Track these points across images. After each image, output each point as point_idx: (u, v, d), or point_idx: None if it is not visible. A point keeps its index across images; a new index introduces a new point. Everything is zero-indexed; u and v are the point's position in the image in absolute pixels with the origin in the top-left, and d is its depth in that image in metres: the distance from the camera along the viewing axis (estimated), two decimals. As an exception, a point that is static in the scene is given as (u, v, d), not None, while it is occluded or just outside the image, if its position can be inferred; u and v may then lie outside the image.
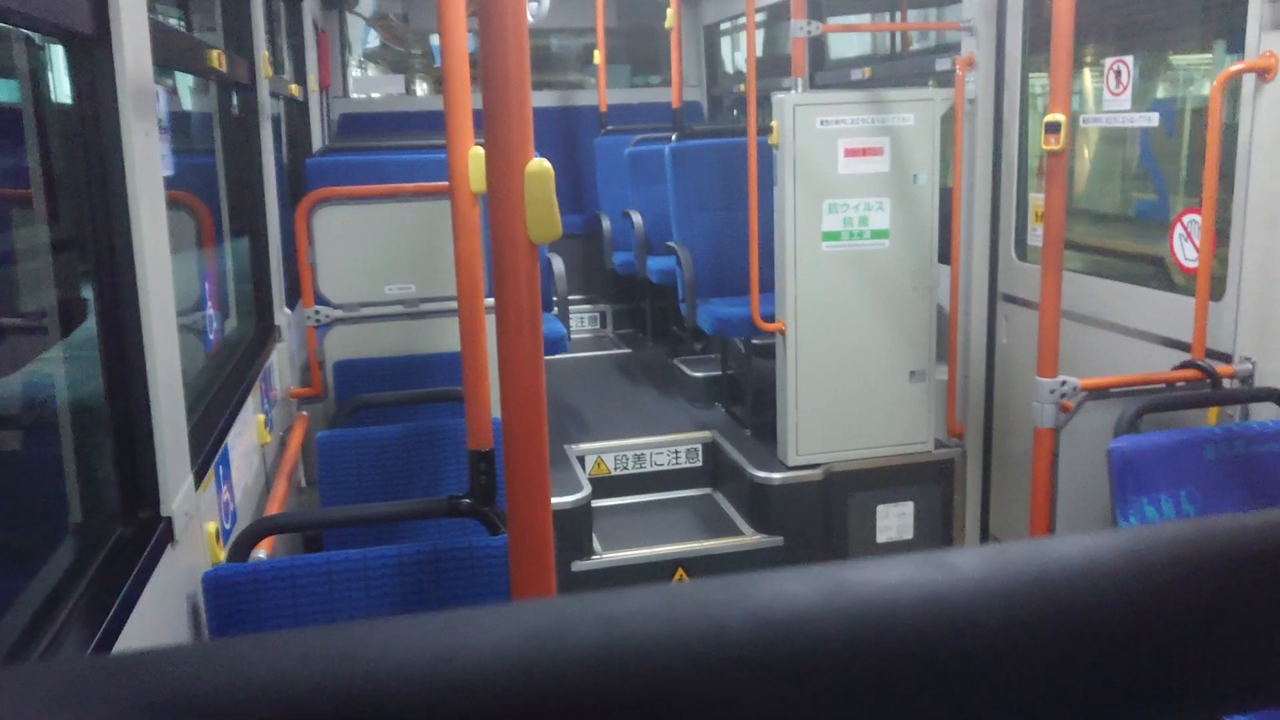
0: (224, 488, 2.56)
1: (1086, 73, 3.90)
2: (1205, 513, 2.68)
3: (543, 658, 0.29)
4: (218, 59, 3.01)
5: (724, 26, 7.59)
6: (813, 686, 0.29)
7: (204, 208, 3.62)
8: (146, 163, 1.96)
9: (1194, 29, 3.66)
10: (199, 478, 2.24)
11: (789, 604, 0.30)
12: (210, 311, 3.13)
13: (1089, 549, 0.31)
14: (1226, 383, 3.00)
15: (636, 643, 0.29)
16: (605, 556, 4.19)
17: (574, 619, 0.30)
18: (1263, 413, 2.88)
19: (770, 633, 0.29)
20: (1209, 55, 3.51)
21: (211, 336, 3.05)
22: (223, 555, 2.27)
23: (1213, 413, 3.00)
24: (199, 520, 2.21)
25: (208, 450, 2.40)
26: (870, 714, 0.29)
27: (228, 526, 2.54)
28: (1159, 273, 3.56)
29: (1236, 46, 3.07)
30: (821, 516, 4.31)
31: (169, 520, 1.94)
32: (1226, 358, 3.03)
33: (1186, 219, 3.28)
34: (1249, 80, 2.89)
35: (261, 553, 2.41)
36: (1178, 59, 3.77)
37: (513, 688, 0.29)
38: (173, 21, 3.27)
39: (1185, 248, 3.29)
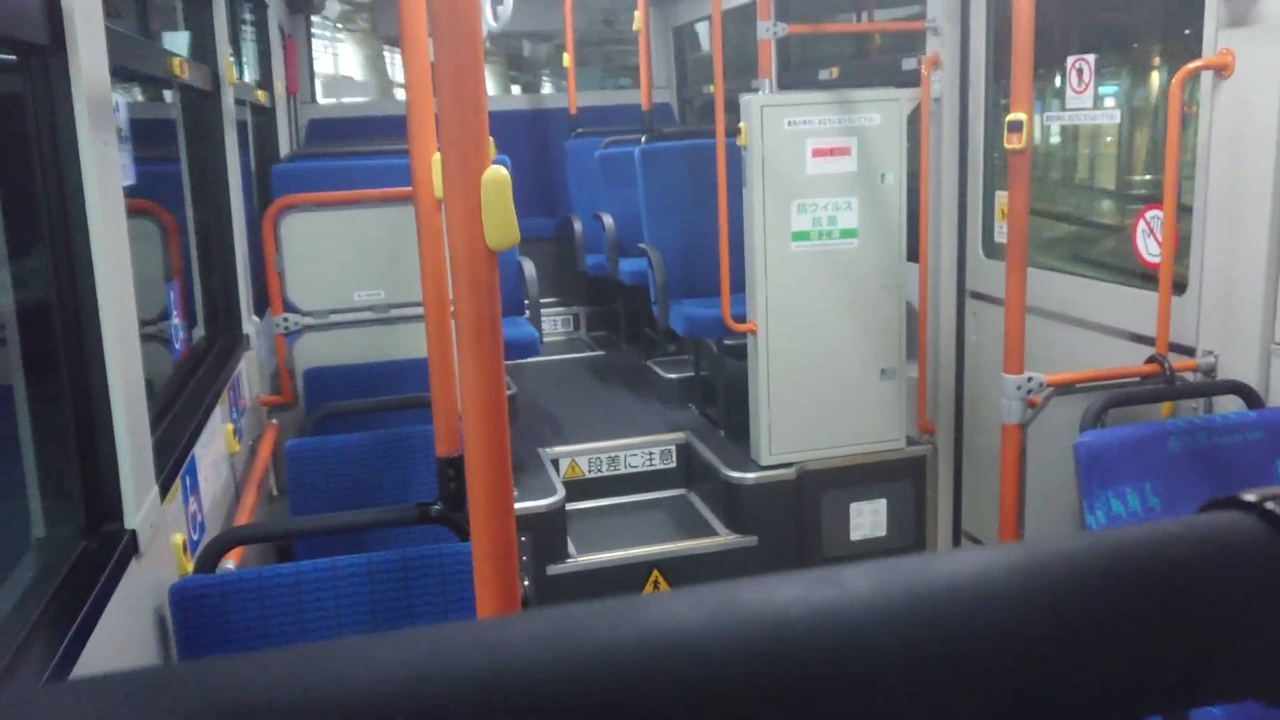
0: (191, 498, 2.54)
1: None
2: (1170, 505, 2.71)
3: (424, 688, 0.29)
4: (179, 66, 2.98)
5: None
6: (702, 708, 0.29)
7: (169, 216, 3.59)
8: (105, 173, 1.94)
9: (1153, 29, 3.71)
10: (165, 489, 2.22)
11: (677, 626, 0.30)
12: (176, 320, 3.10)
13: (980, 565, 0.31)
14: (1190, 376, 3.04)
15: (519, 670, 0.29)
16: (580, 559, 4.19)
17: (458, 647, 0.30)
18: (1226, 405, 2.92)
19: (659, 655, 0.29)
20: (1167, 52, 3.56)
21: (178, 345, 3.03)
22: (190, 567, 2.25)
23: (1166, 407, 3.04)
24: (165, 532, 2.19)
25: (174, 461, 2.37)
26: None
27: (196, 538, 2.52)
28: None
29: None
30: (795, 515, 4.32)
31: (133, 533, 1.92)
32: (1190, 351, 3.07)
33: (1149, 215, 3.32)
34: (1207, 78, 2.92)
35: (230, 563, 2.39)
36: (1138, 57, 3.82)
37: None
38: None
39: (1148, 243, 3.33)
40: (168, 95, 3.43)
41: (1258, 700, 0.33)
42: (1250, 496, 0.35)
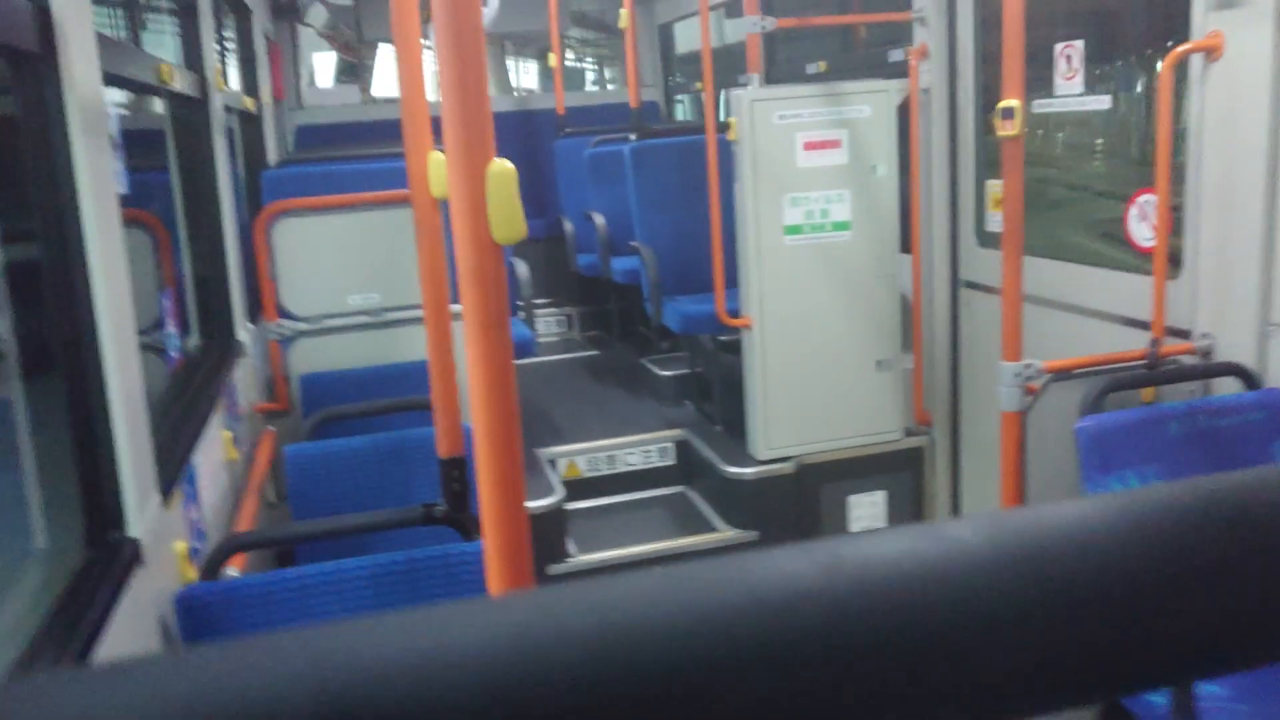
0: (192, 506, 2.52)
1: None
2: (1172, 488, 2.72)
3: (532, 650, 0.29)
4: (168, 73, 2.96)
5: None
6: (815, 664, 0.28)
7: (160, 224, 3.57)
8: (99, 180, 1.93)
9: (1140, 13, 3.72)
10: (166, 496, 2.20)
11: (787, 582, 0.29)
12: (170, 329, 3.09)
13: (1086, 513, 0.31)
14: (1188, 358, 3.05)
15: (630, 630, 0.28)
16: (581, 559, 4.18)
17: (564, 609, 0.30)
18: (1224, 386, 2.93)
19: (769, 612, 0.29)
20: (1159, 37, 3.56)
21: (173, 354, 3.01)
22: (193, 575, 2.24)
23: (1147, 392, 3.05)
24: (168, 540, 2.18)
25: (174, 468, 2.36)
26: (876, 688, 0.29)
27: (197, 545, 2.51)
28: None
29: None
30: (794, 509, 4.32)
31: (136, 542, 1.91)
32: (1187, 334, 3.08)
33: (1141, 199, 3.33)
34: (1197, 61, 2.93)
35: (233, 570, 2.38)
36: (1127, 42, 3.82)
37: (501, 682, 0.28)
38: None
39: (1140, 228, 3.34)
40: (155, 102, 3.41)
41: None
42: None
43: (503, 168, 1.17)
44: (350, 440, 2.90)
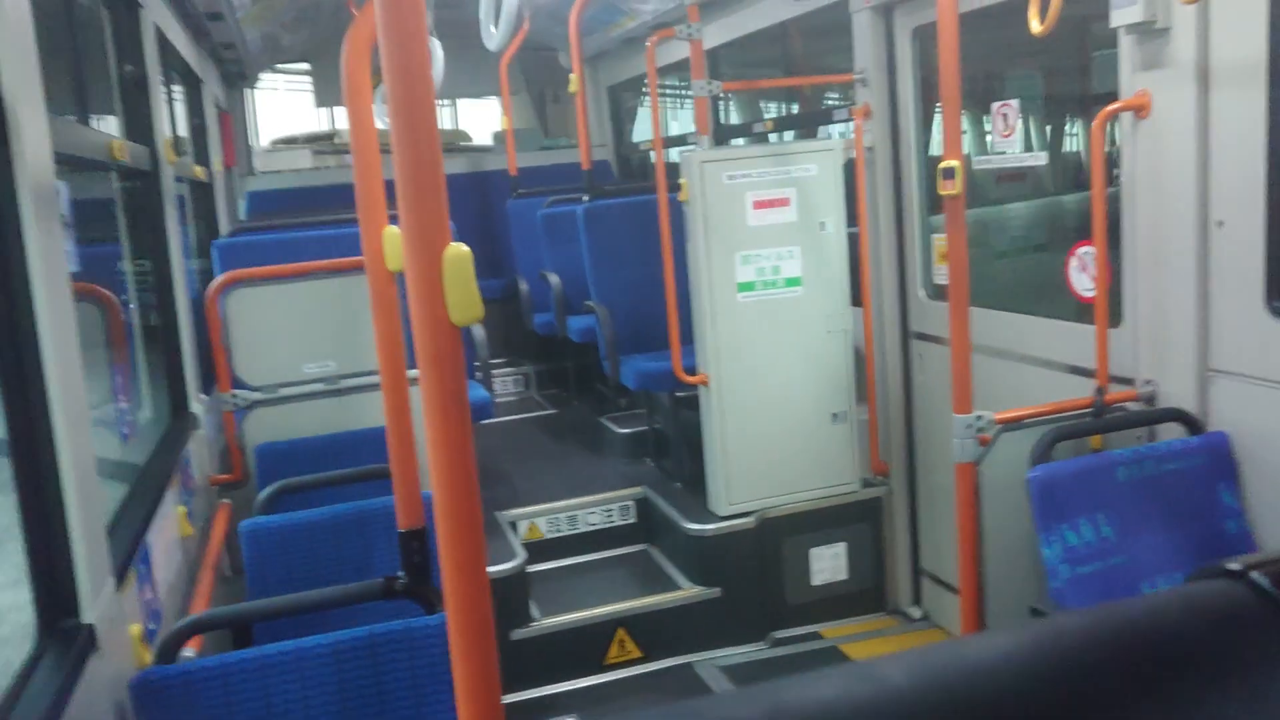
0: (146, 586, 2.48)
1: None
2: (1123, 533, 2.77)
3: None
4: (119, 149, 2.97)
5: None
6: None
7: (110, 297, 3.54)
8: (50, 262, 1.92)
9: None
10: (120, 579, 2.17)
11: None
12: (122, 404, 3.05)
13: (1001, 646, 0.33)
14: (1133, 405, 3.12)
15: None
16: (544, 622, 4.15)
17: None
18: (1169, 432, 3.00)
19: None
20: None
21: (124, 430, 2.97)
22: (149, 658, 2.19)
23: (1095, 440, 3.11)
24: (122, 624, 2.14)
25: (128, 549, 2.32)
26: None
27: (153, 627, 2.46)
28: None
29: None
30: (757, 564, 4.33)
31: (91, 628, 1.87)
32: (1131, 381, 3.16)
33: (1080, 250, 3.43)
34: (1127, 119, 3.05)
35: (189, 651, 2.33)
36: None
37: None
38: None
39: (1081, 278, 3.44)
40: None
41: None
42: (1235, 565, 0.37)
43: (459, 251, 1.19)
44: (307, 513, 2.87)
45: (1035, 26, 2.92)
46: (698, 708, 0.32)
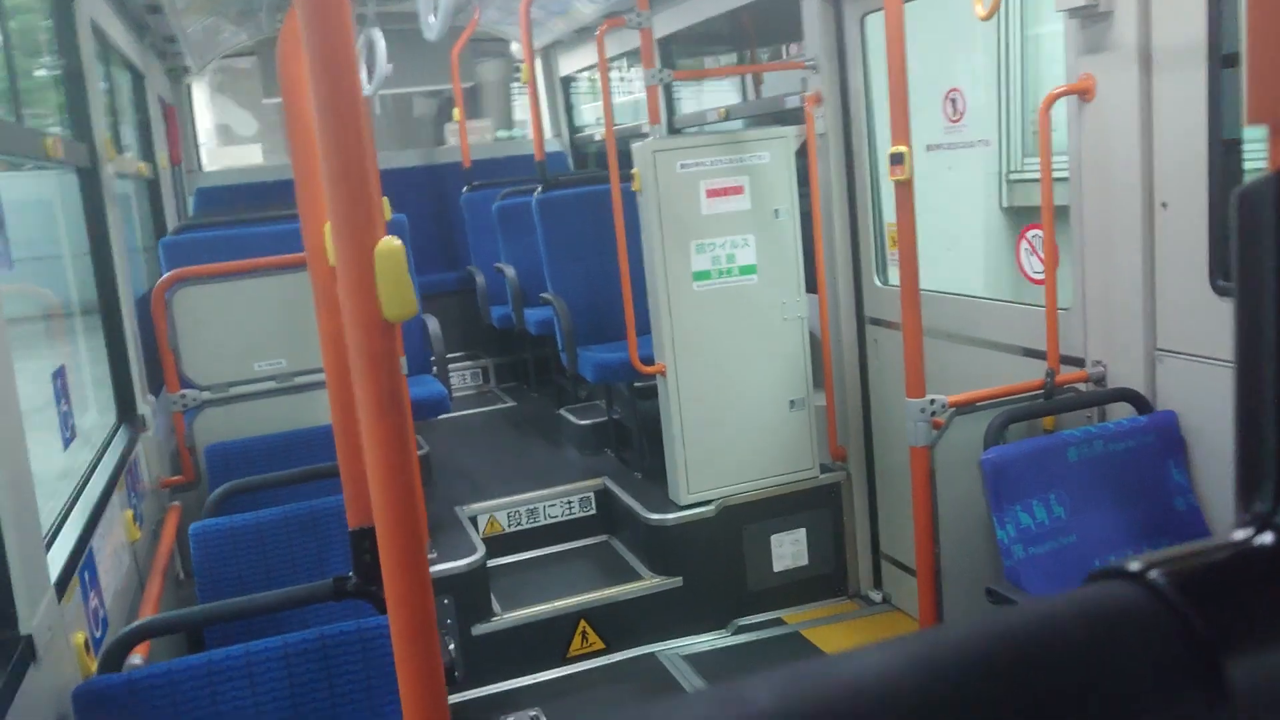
0: (91, 594, 2.43)
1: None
2: (1075, 512, 2.80)
3: None
4: (54, 146, 2.89)
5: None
6: None
7: (51, 299, 3.46)
8: None
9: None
10: (61, 588, 2.12)
11: None
12: (65, 407, 2.98)
13: (874, 664, 0.32)
14: (1083, 386, 3.16)
15: None
16: (506, 617, 4.12)
17: None
18: (1118, 411, 3.04)
19: None
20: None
21: (67, 434, 2.91)
22: (94, 667, 2.15)
23: (1048, 421, 3.15)
24: (64, 633, 2.09)
25: (70, 557, 2.27)
26: None
27: (99, 635, 2.41)
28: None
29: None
30: (718, 552, 4.34)
31: (29, 638, 1.83)
32: (1081, 362, 3.19)
33: (1030, 234, 3.45)
34: (1072, 102, 3.07)
35: (138, 658, 2.29)
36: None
37: None
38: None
39: (1031, 261, 3.46)
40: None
41: None
42: (1135, 565, 0.36)
43: (390, 246, 1.17)
44: (257, 514, 2.83)
45: (979, 11, 2.93)
46: None
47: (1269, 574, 0.36)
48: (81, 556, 2.35)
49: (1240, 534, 0.38)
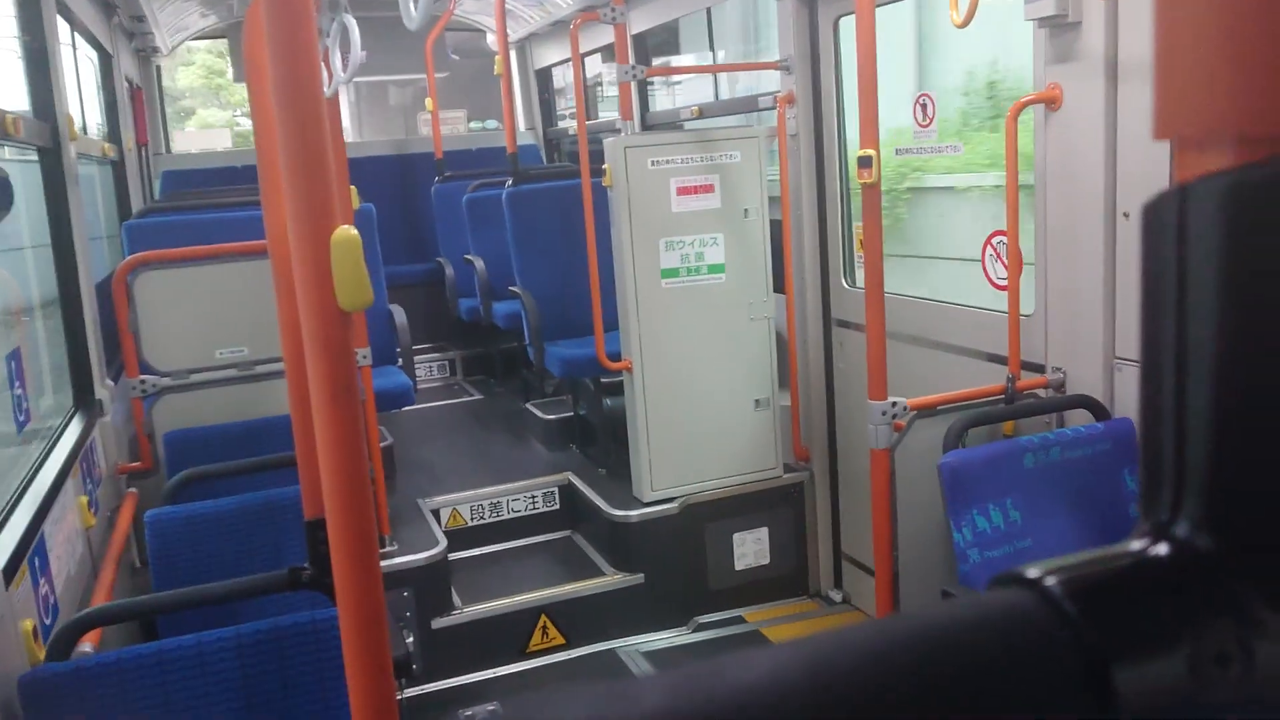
0: (41, 580, 2.39)
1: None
2: (1030, 517, 2.83)
3: None
4: (12, 124, 2.84)
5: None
6: None
7: (8, 279, 3.40)
8: None
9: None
10: (9, 573, 2.08)
11: None
12: (19, 390, 2.93)
13: (771, 668, 0.32)
14: (1042, 392, 3.19)
15: None
16: (466, 610, 4.11)
17: None
18: (1077, 418, 3.07)
19: None
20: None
21: (21, 418, 2.86)
22: (42, 655, 2.12)
23: (1008, 426, 3.18)
24: (12, 620, 2.06)
25: (19, 542, 2.24)
26: None
27: (48, 622, 2.38)
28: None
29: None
30: (680, 550, 4.34)
31: None
32: (1041, 369, 3.22)
33: (995, 240, 3.48)
34: (1040, 111, 3.10)
35: (88, 646, 2.26)
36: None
37: None
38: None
39: (995, 267, 3.49)
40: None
41: None
42: (1033, 572, 0.36)
43: (347, 235, 1.16)
44: (215, 502, 2.80)
45: (955, 19, 2.95)
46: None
47: (1162, 584, 0.37)
48: (32, 542, 2.32)
49: (1138, 543, 0.38)
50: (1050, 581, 0.35)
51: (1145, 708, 0.34)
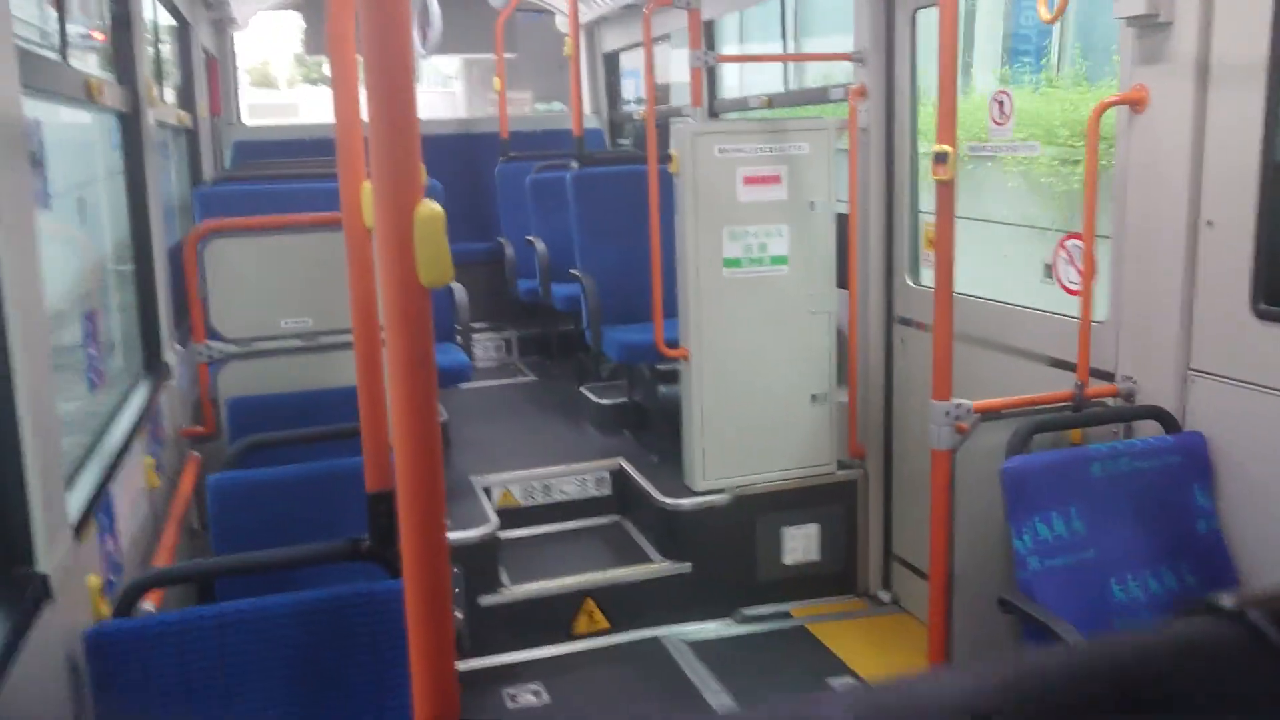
0: (108, 537, 2.44)
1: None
2: (1094, 528, 2.77)
3: None
4: (97, 89, 2.89)
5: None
6: None
7: (86, 241, 3.47)
8: (15, 200, 1.87)
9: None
10: (79, 528, 2.13)
11: None
12: (92, 350, 3.00)
13: (970, 686, 0.30)
14: (1111, 401, 3.12)
15: None
16: (513, 589, 4.14)
17: None
18: (1146, 429, 3.00)
19: None
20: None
21: (93, 376, 2.92)
22: (107, 611, 2.16)
23: (1075, 434, 3.11)
24: (80, 574, 2.11)
25: (90, 498, 2.28)
26: None
27: (113, 579, 2.43)
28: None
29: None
30: (729, 541, 4.33)
31: (45, 577, 1.84)
32: (1111, 376, 3.15)
33: (1069, 243, 3.41)
34: (1123, 112, 3.02)
35: (149, 605, 2.30)
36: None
37: None
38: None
39: (1068, 271, 3.42)
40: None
41: None
42: (1228, 602, 0.34)
43: (431, 210, 1.16)
44: (277, 469, 2.83)
45: (1044, 14, 2.88)
46: None
47: None
48: (100, 499, 2.37)
49: None
50: (1254, 615, 0.33)
51: None
